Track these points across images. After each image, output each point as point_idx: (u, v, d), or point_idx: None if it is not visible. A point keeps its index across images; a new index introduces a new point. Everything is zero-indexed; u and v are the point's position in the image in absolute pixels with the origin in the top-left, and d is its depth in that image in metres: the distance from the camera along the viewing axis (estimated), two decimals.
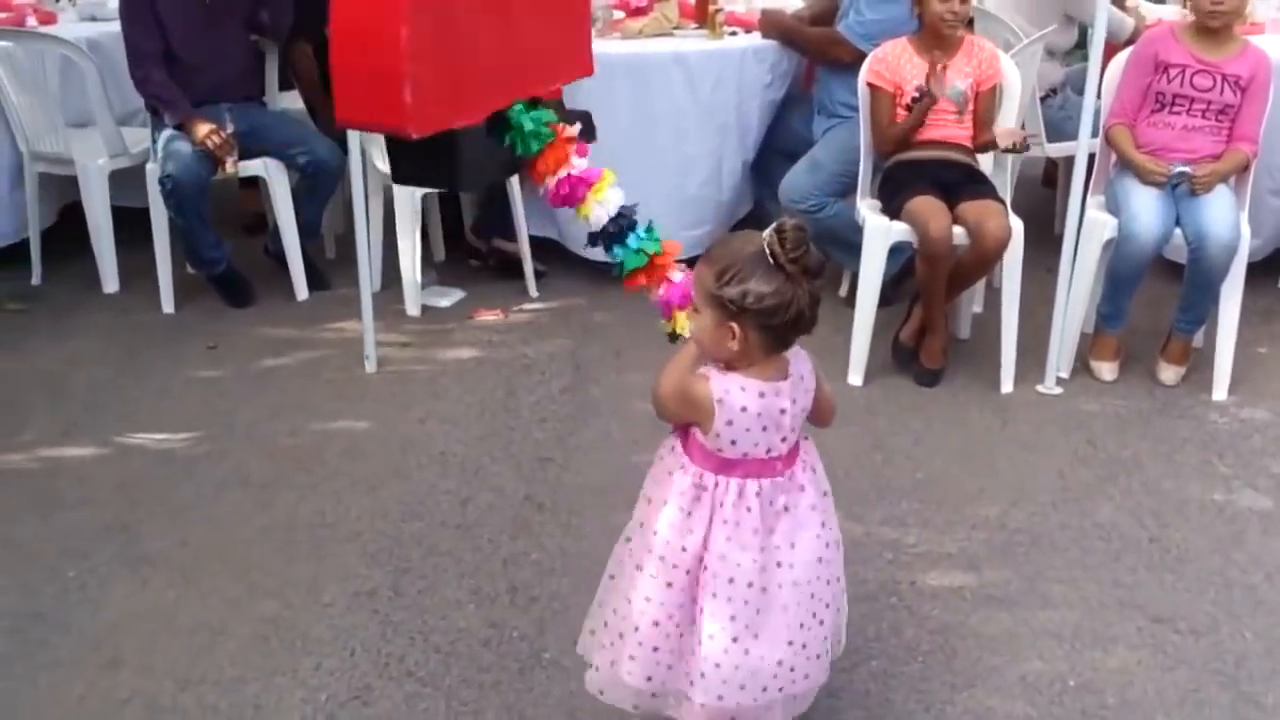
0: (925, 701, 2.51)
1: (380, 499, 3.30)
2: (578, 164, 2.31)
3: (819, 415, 2.17)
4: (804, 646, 2.10)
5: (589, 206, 2.31)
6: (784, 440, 2.05)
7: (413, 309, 4.61)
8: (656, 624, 2.09)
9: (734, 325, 1.93)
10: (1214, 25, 3.82)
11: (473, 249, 5.04)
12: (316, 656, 2.65)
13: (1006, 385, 3.93)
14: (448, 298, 4.75)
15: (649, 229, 2.37)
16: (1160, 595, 2.87)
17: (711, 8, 4.77)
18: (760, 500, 2.05)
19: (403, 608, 2.83)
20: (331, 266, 5.01)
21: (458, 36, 2.00)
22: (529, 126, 2.22)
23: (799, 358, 2.09)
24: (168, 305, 4.66)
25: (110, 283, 4.85)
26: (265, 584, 2.93)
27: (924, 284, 3.92)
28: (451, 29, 1.98)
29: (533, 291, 4.78)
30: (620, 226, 2.34)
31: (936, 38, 3.96)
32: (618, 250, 2.36)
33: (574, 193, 2.31)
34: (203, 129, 4.31)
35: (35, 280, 4.94)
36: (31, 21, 5.15)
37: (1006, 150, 3.93)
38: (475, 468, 3.47)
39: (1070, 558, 3.02)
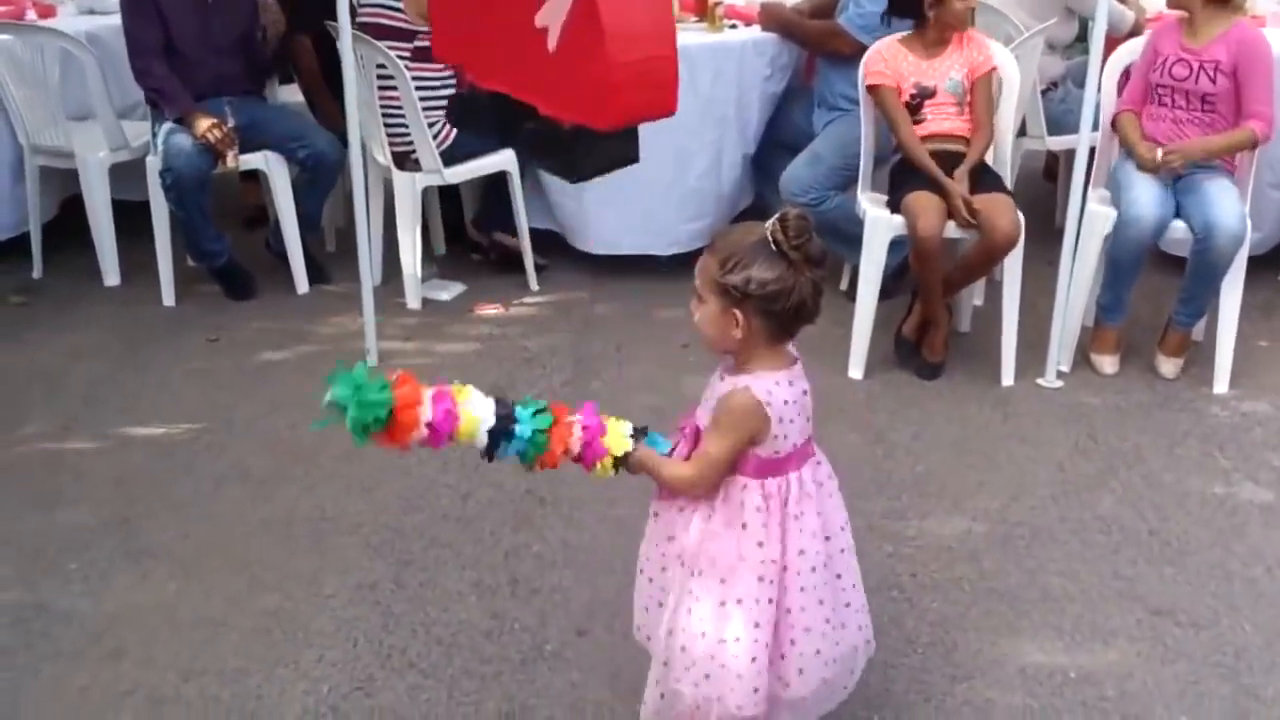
0: (925, 693, 2.51)
1: (381, 493, 3.30)
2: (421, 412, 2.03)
3: None
4: (863, 605, 2.21)
5: (465, 436, 2.04)
6: (809, 421, 2.07)
7: (413, 302, 4.61)
8: (767, 645, 2.08)
9: (737, 312, 1.95)
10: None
11: (473, 242, 5.04)
12: (319, 648, 2.66)
13: (1007, 378, 3.94)
14: (448, 291, 4.75)
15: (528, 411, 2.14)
16: (1160, 588, 2.87)
17: (711, 1, 4.77)
18: (813, 486, 2.08)
19: (404, 600, 2.83)
20: (332, 260, 5.01)
21: None
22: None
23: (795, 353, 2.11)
24: (168, 298, 4.66)
25: (111, 276, 4.85)
26: (266, 577, 2.94)
27: (918, 279, 3.93)
28: None
29: (533, 285, 4.78)
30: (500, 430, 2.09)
31: (940, 35, 3.95)
32: (508, 450, 2.13)
33: (438, 439, 2.04)
34: (204, 123, 4.31)
35: (36, 273, 4.94)
36: (31, 15, 5.14)
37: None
38: (476, 462, 3.42)
39: (1070, 550, 3.02)
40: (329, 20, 4.19)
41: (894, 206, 3.93)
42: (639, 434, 2.18)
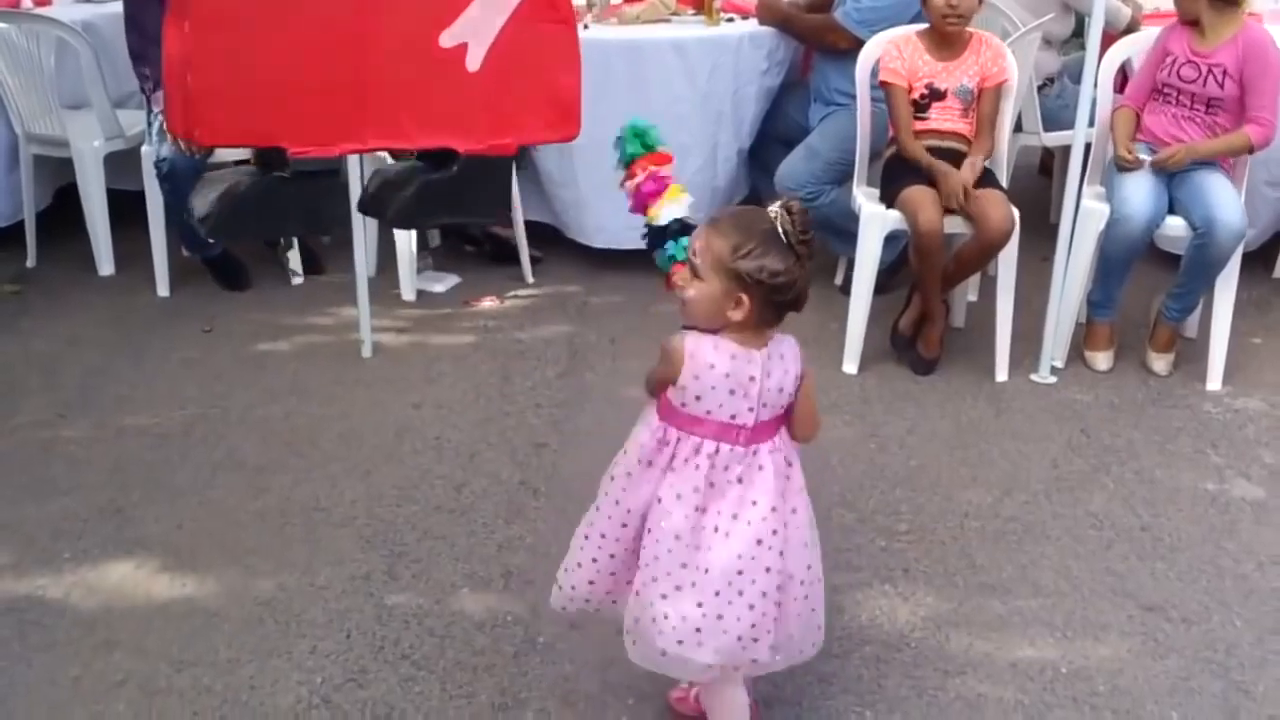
0: (917, 687, 2.52)
1: (375, 483, 3.31)
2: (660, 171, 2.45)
3: (797, 424, 2.16)
4: (719, 618, 2.08)
5: (656, 210, 2.43)
6: (750, 410, 2.06)
7: (408, 294, 4.61)
8: (595, 561, 2.21)
9: (743, 296, 1.98)
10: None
11: (468, 235, 5.03)
12: (312, 639, 2.66)
13: (1001, 374, 3.94)
14: (443, 283, 4.75)
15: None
16: (1152, 584, 2.88)
17: None
18: (713, 462, 2.07)
19: (398, 591, 2.83)
20: (326, 251, 5.00)
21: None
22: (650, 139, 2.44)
23: (785, 342, 2.11)
24: (163, 288, 4.65)
25: (105, 265, 4.85)
26: (260, 567, 2.94)
27: (917, 273, 3.93)
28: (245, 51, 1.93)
29: (528, 278, 4.78)
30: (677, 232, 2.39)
31: (941, 34, 3.95)
32: (668, 250, 2.42)
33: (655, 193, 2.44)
34: None
35: (30, 262, 4.94)
36: (27, 3, 5.15)
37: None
38: (470, 453, 3.47)
39: (1063, 546, 3.03)
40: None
41: (887, 201, 3.93)
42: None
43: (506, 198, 2.13)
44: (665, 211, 2.41)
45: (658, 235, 2.45)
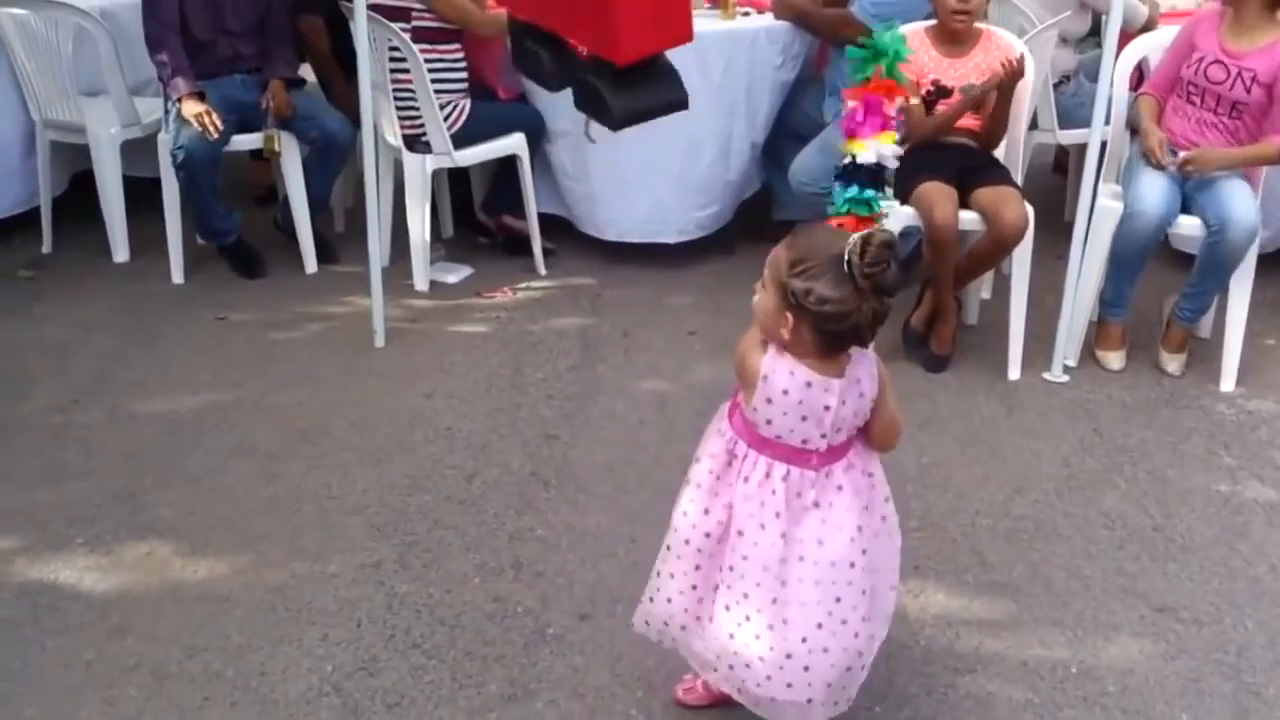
0: (927, 685, 2.52)
1: (387, 472, 3.31)
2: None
3: (874, 435, 2.13)
4: (825, 651, 2.08)
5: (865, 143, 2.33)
6: (823, 436, 2.03)
7: (421, 284, 4.61)
8: (673, 577, 2.16)
9: (789, 315, 1.94)
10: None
11: (482, 226, 5.04)
12: (323, 627, 2.67)
13: (1013, 372, 3.94)
14: (456, 274, 4.75)
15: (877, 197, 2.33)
16: (1163, 584, 2.88)
17: None
18: (786, 486, 2.05)
19: (408, 580, 2.84)
20: (340, 240, 5.01)
21: None
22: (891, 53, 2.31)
23: (864, 363, 2.06)
24: (177, 275, 4.67)
25: (120, 252, 4.86)
26: (272, 554, 2.95)
27: (931, 270, 3.92)
28: None
29: (541, 269, 4.78)
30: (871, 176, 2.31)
31: (949, 30, 3.94)
32: (850, 192, 2.31)
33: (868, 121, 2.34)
34: (192, 107, 4.30)
35: (46, 248, 4.95)
36: None
37: (1004, 82, 3.84)
38: (482, 443, 3.48)
39: (1074, 545, 3.03)
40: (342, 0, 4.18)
41: (902, 197, 3.92)
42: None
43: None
44: (870, 149, 2.28)
45: (851, 172, 2.32)
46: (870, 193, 2.24)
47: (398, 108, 4.47)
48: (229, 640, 2.63)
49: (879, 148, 2.29)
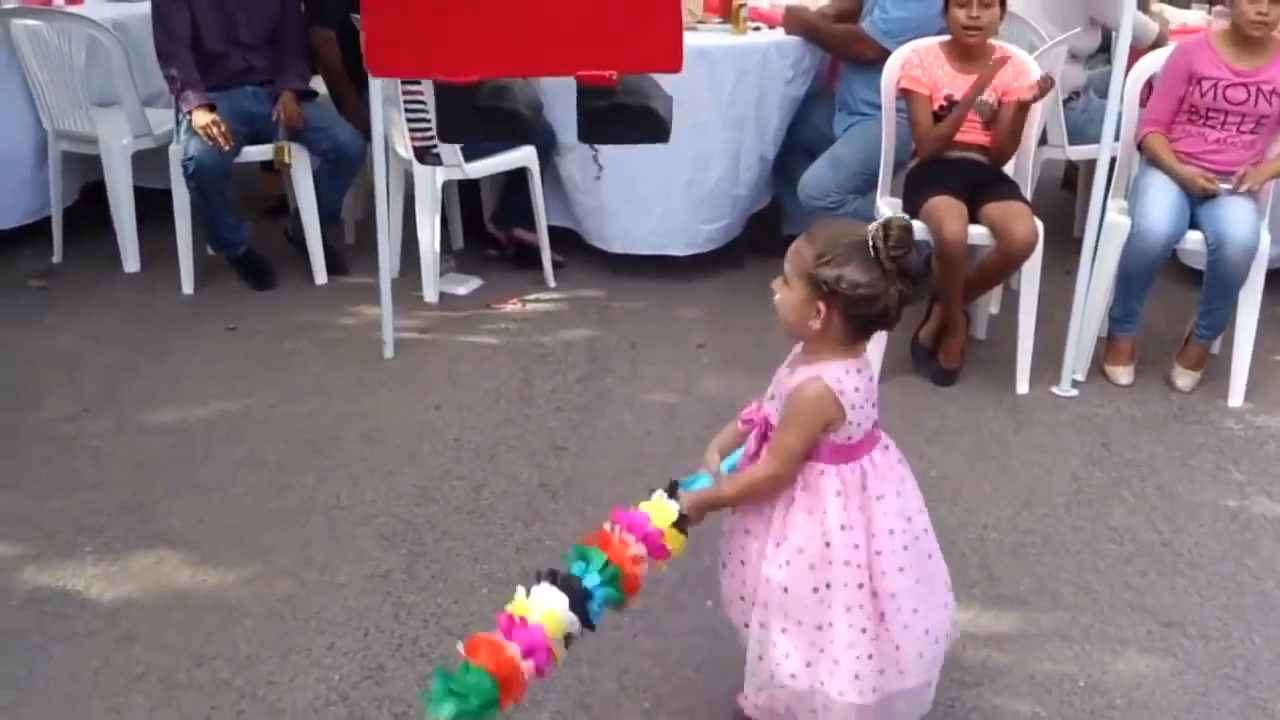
0: (934, 699, 2.51)
1: (395, 483, 3.32)
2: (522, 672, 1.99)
3: None
4: (948, 581, 2.24)
5: (558, 652, 2.04)
6: (874, 406, 2.11)
7: (430, 296, 4.63)
8: (864, 630, 2.10)
9: (821, 305, 1.99)
10: (1256, 35, 3.77)
11: (491, 238, 5.05)
12: (330, 636, 2.68)
13: (1022, 387, 3.94)
14: (465, 285, 4.76)
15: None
16: (1171, 599, 2.87)
17: (735, 3, 4.76)
18: (886, 469, 2.11)
19: (416, 590, 2.84)
20: (350, 252, 5.03)
21: None
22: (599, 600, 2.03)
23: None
24: (188, 286, 4.68)
25: (131, 262, 4.88)
26: (281, 564, 2.95)
27: (940, 284, 3.93)
28: None
29: (550, 282, 4.79)
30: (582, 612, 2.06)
31: (962, 46, 3.95)
32: (597, 617, 2.10)
33: (547, 665, 2.03)
34: (202, 118, 4.33)
35: (56, 258, 4.98)
36: (59, 1, 5.18)
37: (1035, 99, 3.83)
38: (490, 454, 3.48)
39: (1082, 560, 3.02)
40: (353, 12, 4.20)
41: (911, 212, 3.93)
42: (672, 489, 2.18)
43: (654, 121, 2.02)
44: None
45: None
46: (600, 594, 2.07)
47: (408, 120, 4.48)
48: (237, 649, 2.64)
49: (560, 619, 2.07)
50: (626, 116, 2.23)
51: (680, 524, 2.15)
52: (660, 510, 2.14)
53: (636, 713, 2.46)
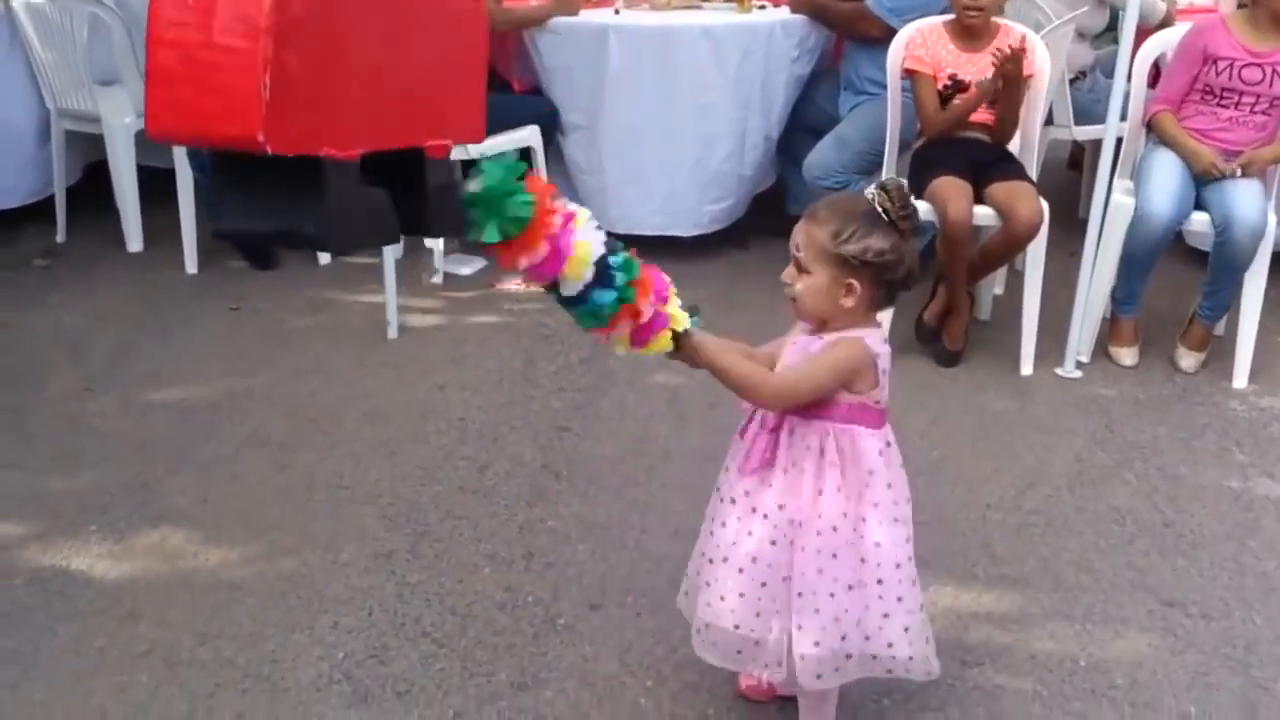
0: (937, 677, 2.52)
1: (399, 463, 3.32)
2: (554, 223, 1.84)
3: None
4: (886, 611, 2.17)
5: (573, 269, 1.87)
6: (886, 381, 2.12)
7: (434, 276, 4.63)
8: (899, 565, 2.11)
9: (854, 281, 1.99)
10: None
11: None
12: (334, 615, 2.68)
13: (1026, 367, 3.93)
14: (469, 265, 4.76)
15: (620, 257, 1.98)
16: (1173, 579, 2.87)
17: None
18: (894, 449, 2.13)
19: (420, 570, 2.85)
20: None
21: (336, 44, 1.57)
22: (513, 208, 1.76)
23: None
24: (191, 265, 4.69)
25: (134, 241, 4.88)
26: (284, 542, 2.96)
27: (945, 265, 3.92)
28: (329, 33, 1.56)
29: None
30: (601, 269, 1.92)
31: (965, 26, 3.93)
32: (602, 295, 1.95)
33: (554, 264, 1.85)
34: None
35: (60, 237, 4.98)
36: None
37: (1004, 66, 3.77)
38: (493, 435, 3.49)
39: (1085, 540, 3.02)
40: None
41: (916, 192, 3.92)
42: (694, 309, 2.14)
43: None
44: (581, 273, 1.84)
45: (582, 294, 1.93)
46: (617, 277, 1.91)
47: None
48: (240, 628, 2.65)
49: (586, 267, 1.90)
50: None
51: (678, 338, 2.09)
52: (676, 310, 2.08)
53: (639, 690, 2.46)
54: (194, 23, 1.52)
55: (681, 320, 2.07)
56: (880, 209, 1.97)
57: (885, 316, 3.95)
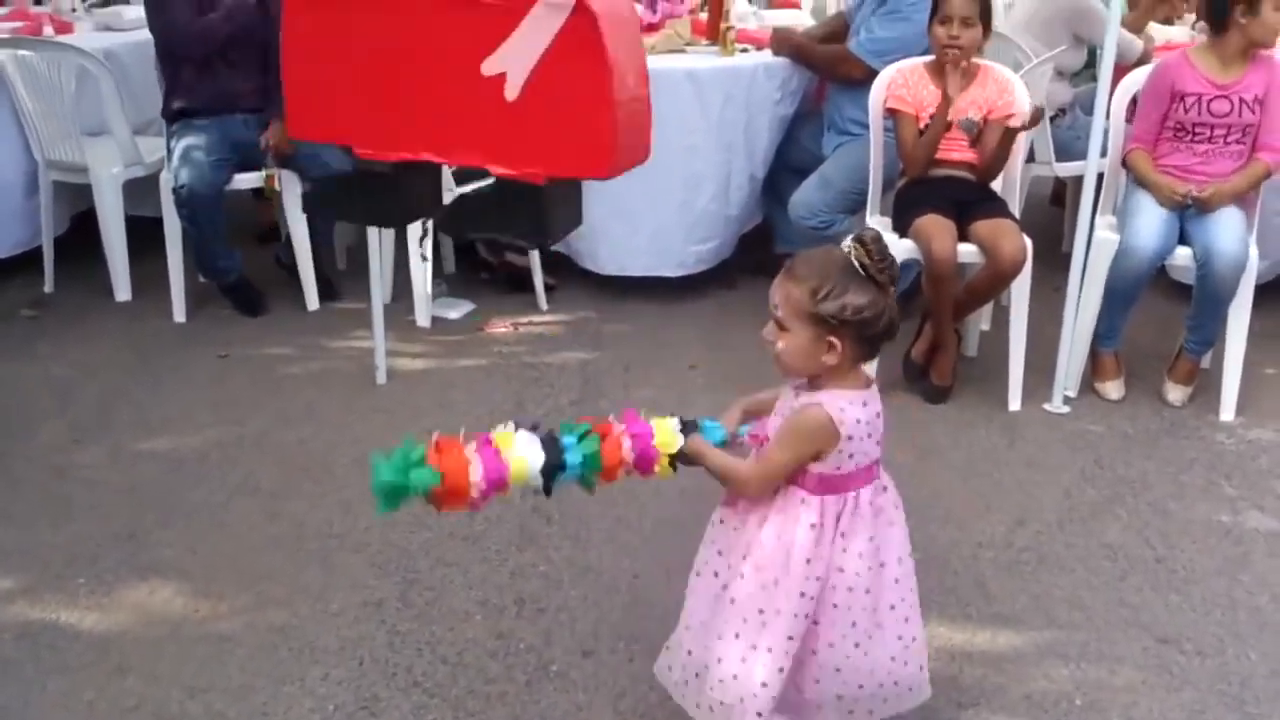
0: (931, 718, 2.51)
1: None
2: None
3: None
4: (914, 640, 2.19)
5: (519, 481, 2.08)
6: (878, 444, 2.11)
7: (423, 320, 4.63)
8: (788, 654, 2.10)
9: (833, 339, 1.99)
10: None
11: (483, 262, 5.06)
12: (324, 666, 2.67)
13: (1014, 403, 3.94)
14: (458, 309, 4.77)
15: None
16: (1166, 615, 2.87)
17: (723, 25, 4.79)
18: (871, 508, 2.10)
19: (410, 618, 2.84)
20: (342, 277, 5.03)
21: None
22: (415, 489, 2.00)
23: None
24: (179, 314, 4.68)
25: (122, 291, 4.88)
26: (274, 593, 2.94)
27: (931, 302, 3.94)
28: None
29: (542, 305, 4.80)
30: (553, 464, 2.11)
31: (944, 65, 3.97)
32: (570, 476, 2.15)
33: (498, 487, 2.07)
34: None
35: (48, 287, 4.97)
36: (49, 30, 5.20)
37: (1024, 129, 3.92)
38: None
39: (1076, 577, 3.02)
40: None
41: (901, 230, 3.94)
42: (688, 426, 2.20)
43: (543, 223, 2.00)
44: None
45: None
46: (575, 459, 2.13)
47: None
48: (231, 680, 2.63)
49: (527, 463, 2.12)
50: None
51: (675, 458, 2.18)
52: (666, 434, 2.16)
53: None
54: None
55: (673, 444, 2.17)
56: (857, 263, 1.96)
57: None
